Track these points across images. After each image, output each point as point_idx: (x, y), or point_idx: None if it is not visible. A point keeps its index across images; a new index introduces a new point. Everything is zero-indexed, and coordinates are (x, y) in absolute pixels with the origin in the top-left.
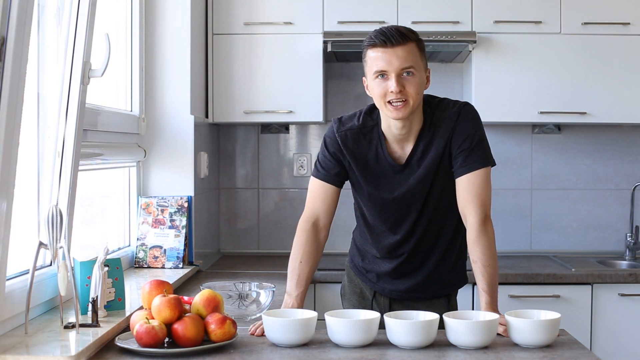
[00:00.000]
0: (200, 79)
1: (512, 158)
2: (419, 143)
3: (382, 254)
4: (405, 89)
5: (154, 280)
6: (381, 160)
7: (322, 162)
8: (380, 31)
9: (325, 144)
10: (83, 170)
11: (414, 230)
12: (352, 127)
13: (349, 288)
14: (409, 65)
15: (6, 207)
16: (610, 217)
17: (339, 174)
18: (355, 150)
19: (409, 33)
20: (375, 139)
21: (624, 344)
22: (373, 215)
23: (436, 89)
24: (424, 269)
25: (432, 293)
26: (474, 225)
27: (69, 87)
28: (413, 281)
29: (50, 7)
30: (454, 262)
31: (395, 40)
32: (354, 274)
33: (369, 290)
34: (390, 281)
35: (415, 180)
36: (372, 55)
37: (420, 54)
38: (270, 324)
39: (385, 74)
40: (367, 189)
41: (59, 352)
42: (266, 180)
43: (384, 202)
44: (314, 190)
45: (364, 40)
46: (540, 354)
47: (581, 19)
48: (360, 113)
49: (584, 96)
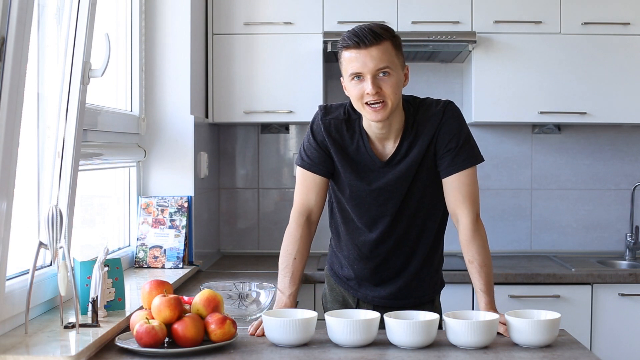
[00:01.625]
0: (200, 79)
1: (512, 158)
2: (402, 142)
3: (358, 253)
4: (382, 89)
5: (154, 280)
6: (362, 154)
7: (309, 151)
8: (353, 32)
9: (312, 132)
10: (83, 170)
11: (391, 230)
12: (337, 117)
13: (331, 297)
14: (384, 66)
15: (6, 207)
16: (610, 217)
17: (326, 163)
18: (338, 140)
19: (383, 32)
20: (357, 133)
21: (624, 344)
22: (350, 209)
23: (436, 89)
24: (404, 274)
25: (415, 299)
26: (467, 225)
27: (69, 87)
28: (394, 287)
29: (50, 7)
30: (436, 267)
31: (369, 41)
32: (335, 282)
33: (351, 298)
34: (372, 288)
35: (394, 175)
36: (347, 57)
37: (396, 52)
38: (270, 324)
39: (360, 75)
40: (346, 179)
41: (59, 352)
42: (266, 180)
43: (362, 194)
44: (305, 182)
45: (338, 42)
46: (540, 354)
47: (581, 19)
48: (346, 105)
49: (584, 96)
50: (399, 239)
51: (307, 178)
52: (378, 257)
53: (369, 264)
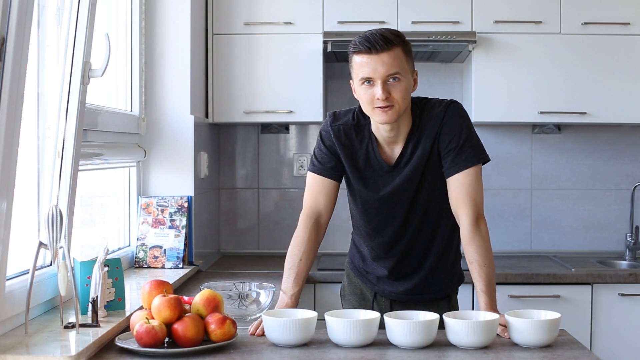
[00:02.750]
0: (200, 79)
1: (512, 158)
2: (407, 145)
3: (374, 254)
4: (391, 94)
5: (154, 280)
6: (371, 159)
7: (319, 156)
8: (365, 37)
9: (321, 138)
10: (83, 170)
11: (404, 231)
12: (346, 123)
13: (349, 289)
14: (394, 72)
15: (6, 207)
16: (610, 217)
17: (336, 168)
18: (347, 146)
19: (394, 38)
20: (366, 137)
21: (624, 344)
22: (360, 214)
23: (436, 89)
24: (421, 271)
25: (432, 295)
26: (467, 225)
27: (69, 87)
28: (411, 283)
29: (50, 7)
30: (451, 262)
31: (380, 47)
32: (354, 275)
33: (369, 292)
34: (390, 283)
35: (400, 179)
36: (358, 61)
37: (406, 58)
38: (270, 324)
39: (371, 80)
40: (355, 186)
41: (59, 352)
42: (266, 180)
43: (369, 201)
44: (315, 186)
45: (349, 46)
46: (540, 354)
47: (581, 19)
48: (355, 110)
49: (584, 96)
50: (412, 239)
51: (316, 181)
52: (394, 257)
53: (384, 264)
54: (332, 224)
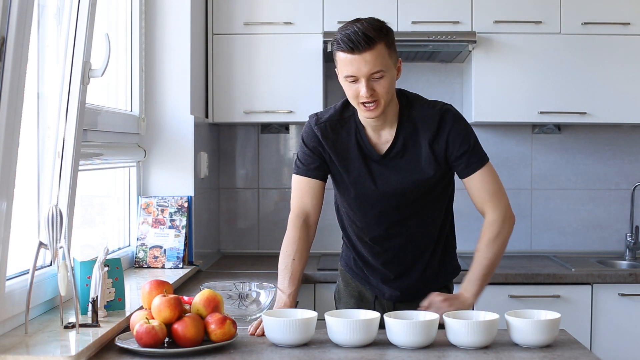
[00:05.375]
0: (200, 79)
1: (512, 158)
2: (399, 135)
3: (369, 250)
4: (375, 90)
5: (154, 280)
6: (361, 148)
7: (303, 158)
8: (347, 36)
9: (303, 141)
10: (83, 170)
11: (398, 224)
12: (330, 119)
13: (345, 291)
14: (378, 70)
15: (6, 207)
16: (610, 217)
17: (320, 168)
18: (335, 141)
19: (376, 34)
20: (353, 127)
21: (624, 344)
22: (354, 209)
23: (436, 89)
24: (418, 264)
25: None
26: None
27: (69, 87)
28: (411, 280)
29: (50, 7)
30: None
31: (362, 47)
32: (351, 278)
33: (369, 294)
34: (390, 282)
35: (397, 176)
36: (342, 58)
37: (389, 52)
38: (270, 324)
39: (354, 78)
40: (349, 179)
41: (59, 352)
42: (266, 180)
43: (365, 193)
44: (300, 187)
45: (332, 41)
46: (540, 354)
47: (581, 19)
48: (335, 106)
49: (584, 96)
50: (407, 233)
51: (301, 182)
52: (385, 252)
53: (377, 260)
54: (330, 224)
